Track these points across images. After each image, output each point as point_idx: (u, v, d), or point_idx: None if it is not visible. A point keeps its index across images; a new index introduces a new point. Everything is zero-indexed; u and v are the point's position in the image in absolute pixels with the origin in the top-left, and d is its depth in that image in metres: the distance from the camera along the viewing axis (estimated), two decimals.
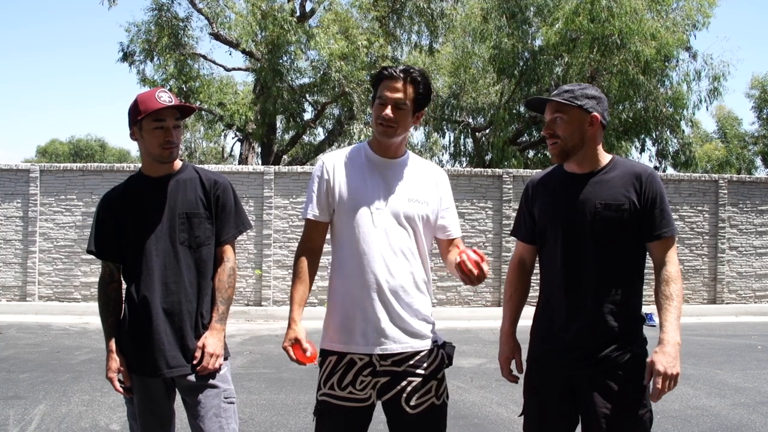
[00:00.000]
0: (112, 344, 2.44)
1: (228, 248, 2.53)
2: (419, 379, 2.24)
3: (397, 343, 2.23)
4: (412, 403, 2.22)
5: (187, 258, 2.43)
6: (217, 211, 2.50)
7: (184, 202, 2.45)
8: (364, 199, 2.28)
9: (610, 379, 2.17)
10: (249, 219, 2.65)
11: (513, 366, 2.45)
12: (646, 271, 2.32)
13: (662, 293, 2.18)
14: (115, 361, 2.42)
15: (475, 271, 2.12)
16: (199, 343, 2.41)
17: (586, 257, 2.22)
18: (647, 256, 2.31)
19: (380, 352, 2.22)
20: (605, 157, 2.30)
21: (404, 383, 2.23)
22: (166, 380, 2.44)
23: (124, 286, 2.50)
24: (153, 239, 2.41)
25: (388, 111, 2.23)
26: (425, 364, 2.26)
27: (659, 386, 2.10)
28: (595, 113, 2.23)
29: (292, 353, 2.23)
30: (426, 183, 2.36)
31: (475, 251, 2.16)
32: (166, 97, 2.37)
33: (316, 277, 2.40)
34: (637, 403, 2.18)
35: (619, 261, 2.22)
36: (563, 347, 2.25)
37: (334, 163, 2.35)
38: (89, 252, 2.52)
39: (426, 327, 2.30)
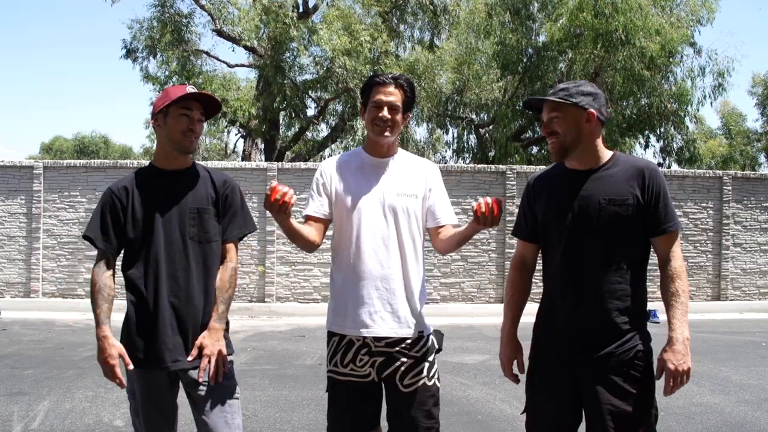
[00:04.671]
0: (106, 330, 2.37)
1: (231, 247, 2.54)
2: (411, 361, 2.44)
3: (385, 328, 2.41)
4: (405, 382, 2.43)
5: (196, 253, 2.44)
6: (225, 209, 2.52)
7: (195, 197, 2.47)
8: (358, 196, 2.48)
9: (615, 376, 2.17)
10: (254, 221, 2.67)
11: (515, 366, 2.45)
12: (649, 267, 2.32)
13: (668, 290, 2.19)
14: (114, 347, 2.35)
15: (493, 211, 2.18)
16: (198, 342, 2.39)
17: (590, 253, 2.21)
18: (651, 251, 2.30)
19: (369, 335, 2.42)
20: (606, 153, 2.29)
21: (398, 363, 2.43)
22: (170, 374, 2.43)
23: (122, 279, 2.47)
24: (162, 232, 2.41)
25: (385, 112, 2.45)
26: (416, 348, 2.46)
27: (671, 384, 2.14)
28: (591, 110, 2.21)
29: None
30: (415, 177, 2.54)
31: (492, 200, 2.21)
32: (194, 89, 2.46)
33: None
34: (643, 400, 2.17)
35: (622, 257, 2.21)
36: (567, 344, 2.24)
37: (331, 167, 2.57)
38: (85, 237, 2.47)
39: (414, 315, 2.47)
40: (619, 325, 2.18)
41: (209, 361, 2.37)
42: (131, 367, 2.37)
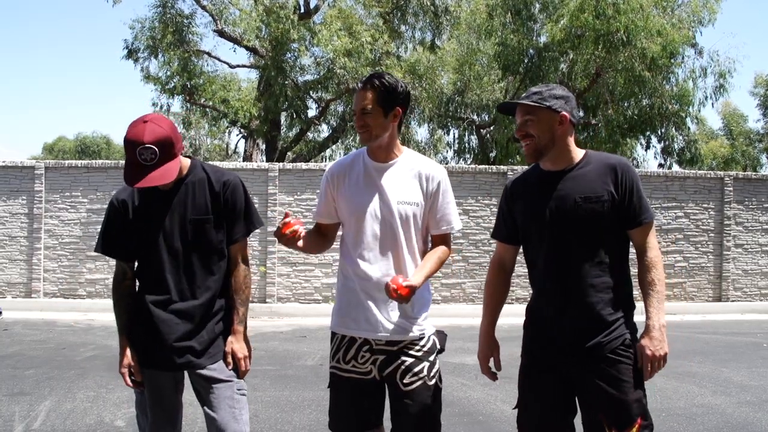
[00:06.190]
0: (123, 340, 2.49)
1: (240, 247, 2.57)
2: (412, 359, 2.45)
3: (385, 332, 2.44)
4: (406, 380, 2.43)
5: (198, 261, 2.46)
6: (227, 211, 2.51)
7: (194, 207, 2.47)
8: (359, 202, 2.48)
9: (605, 365, 2.23)
10: (259, 216, 2.68)
11: (492, 364, 2.56)
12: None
13: (645, 280, 2.28)
14: (127, 357, 2.47)
15: (393, 294, 2.26)
16: (227, 349, 2.50)
17: (572, 251, 2.28)
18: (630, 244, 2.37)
19: (370, 337, 2.45)
20: (578, 153, 2.37)
21: (399, 362, 2.44)
22: (175, 374, 2.49)
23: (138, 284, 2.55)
24: (164, 243, 2.44)
25: (357, 118, 2.46)
26: (417, 347, 2.47)
27: (649, 368, 2.24)
28: (564, 112, 2.30)
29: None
30: (418, 183, 2.50)
31: (404, 280, 2.30)
32: (147, 155, 2.24)
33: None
34: (633, 386, 2.24)
35: (603, 251, 2.28)
36: (556, 340, 2.31)
37: (335, 172, 2.58)
38: (96, 251, 2.56)
39: (412, 321, 2.47)
40: (605, 316, 2.25)
41: (242, 362, 2.53)
42: (138, 379, 2.47)
